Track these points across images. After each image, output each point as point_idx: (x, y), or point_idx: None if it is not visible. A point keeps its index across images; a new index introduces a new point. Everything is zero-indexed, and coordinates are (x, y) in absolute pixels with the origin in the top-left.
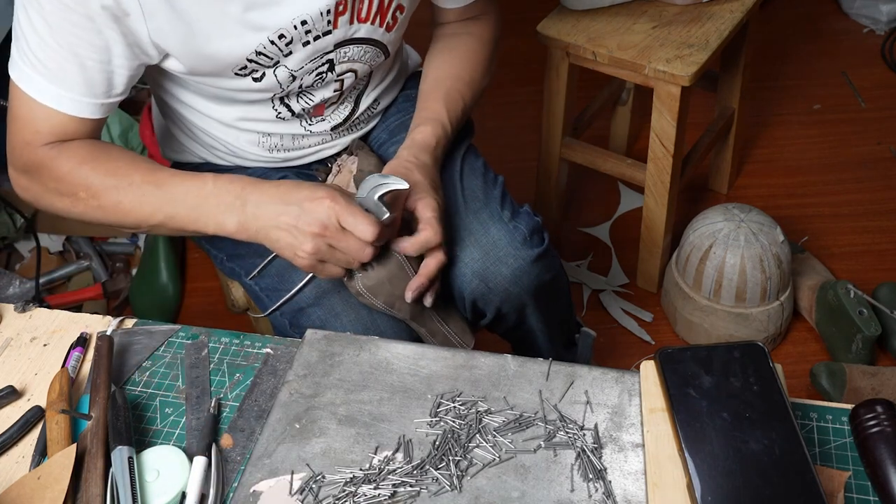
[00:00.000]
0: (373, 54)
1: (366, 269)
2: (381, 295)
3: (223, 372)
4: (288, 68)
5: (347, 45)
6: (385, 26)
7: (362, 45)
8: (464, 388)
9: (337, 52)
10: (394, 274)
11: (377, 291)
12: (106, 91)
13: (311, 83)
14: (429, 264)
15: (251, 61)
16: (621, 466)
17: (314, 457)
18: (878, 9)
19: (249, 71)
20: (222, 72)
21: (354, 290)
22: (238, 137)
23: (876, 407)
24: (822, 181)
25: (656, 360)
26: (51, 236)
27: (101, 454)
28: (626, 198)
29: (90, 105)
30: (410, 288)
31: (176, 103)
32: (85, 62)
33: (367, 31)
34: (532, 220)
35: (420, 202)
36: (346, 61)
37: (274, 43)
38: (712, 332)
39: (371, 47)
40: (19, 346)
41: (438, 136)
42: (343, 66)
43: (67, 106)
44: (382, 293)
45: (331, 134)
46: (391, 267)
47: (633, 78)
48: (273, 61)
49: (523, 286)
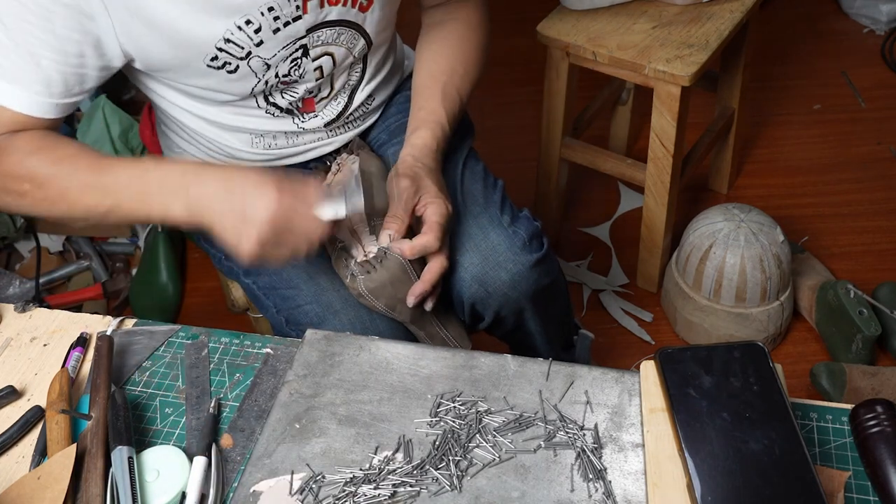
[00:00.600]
0: (348, 36)
1: (368, 271)
2: (382, 297)
3: (223, 372)
4: (261, 58)
5: (320, 28)
6: (358, 6)
7: (335, 28)
8: (464, 388)
9: (310, 37)
10: (396, 277)
11: (379, 294)
12: (63, 91)
13: (287, 70)
14: (431, 269)
15: (221, 50)
16: (621, 466)
17: (314, 457)
18: (878, 9)
19: (222, 63)
20: (194, 64)
21: (356, 291)
22: (230, 138)
23: (876, 407)
24: (822, 181)
25: (656, 360)
26: (51, 236)
27: (101, 454)
28: (626, 198)
29: (46, 104)
30: (413, 293)
31: (167, 105)
32: (41, 61)
33: (338, 13)
34: (531, 225)
35: (430, 206)
36: (320, 45)
37: (241, 29)
38: (712, 332)
39: (345, 29)
40: (19, 346)
41: (438, 138)
42: (317, 49)
43: (20, 104)
44: (384, 295)
45: (326, 131)
46: (394, 270)
47: (633, 78)
48: (244, 51)
49: (522, 291)
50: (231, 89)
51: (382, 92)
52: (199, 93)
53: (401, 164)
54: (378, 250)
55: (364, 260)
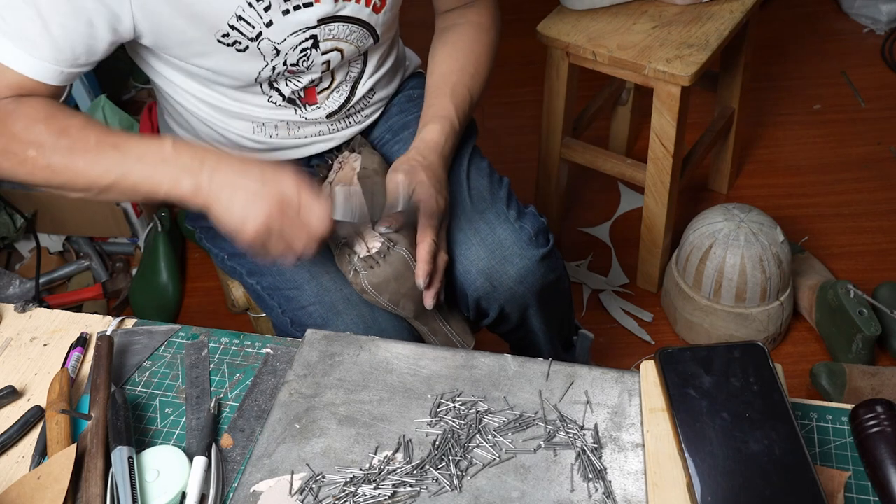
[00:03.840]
0: (359, 35)
1: (371, 266)
2: (385, 293)
3: (223, 372)
4: (271, 41)
5: (332, 22)
6: (372, 6)
7: (348, 24)
8: (464, 388)
9: (321, 29)
10: (400, 272)
11: (382, 289)
12: (71, 59)
13: (297, 60)
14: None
15: (233, 27)
16: (621, 466)
17: (314, 457)
18: (878, 9)
19: (233, 41)
20: (206, 40)
21: (359, 287)
22: (232, 124)
23: (876, 407)
24: (822, 181)
25: (656, 360)
26: (51, 236)
27: (101, 454)
28: (626, 198)
29: (51, 71)
30: (418, 275)
31: (171, 88)
32: (50, 25)
33: (352, 10)
34: (538, 221)
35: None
36: (331, 39)
37: (252, 6)
38: (712, 332)
39: (357, 27)
40: (19, 346)
41: (447, 132)
42: (328, 43)
43: (26, 66)
44: (387, 291)
45: (327, 123)
46: (397, 265)
47: (633, 78)
48: (255, 31)
49: (528, 286)
50: (237, 71)
51: (383, 87)
52: (205, 74)
53: (400, 158)
54: (381, 245)
55: (367, 255)
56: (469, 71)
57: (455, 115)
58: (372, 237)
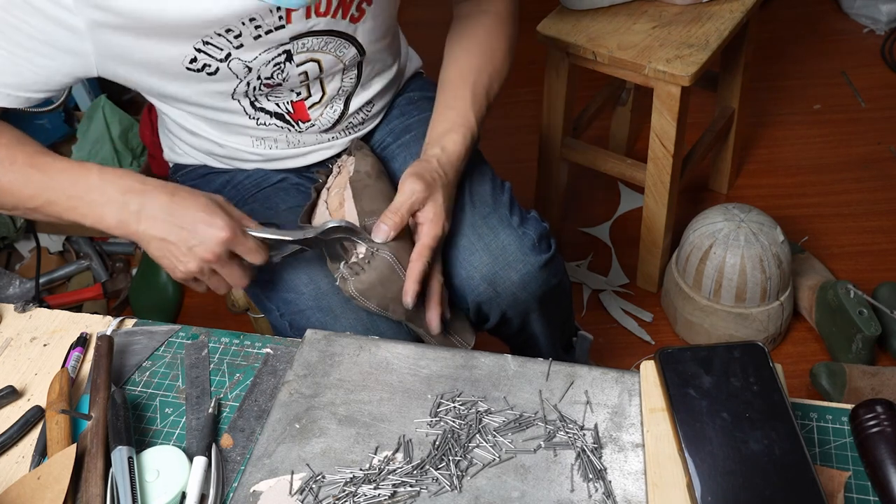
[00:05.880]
0: (336, 44)
1: (357, 273)
2: (373, 298)
3: (223, 372)
4: (241, 60)
5: (305, 36)
6: (349, 17)
7: (322, 36)
8: (464, 388)
9: (293, 44)
10: (385, 276)
11: (369, 295)
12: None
13: (270, 73)
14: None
15: (199, 51)
16: (621, 466)
17: (314, 457)
18: (878, 9)
19: (202, 65)
20: (174, 68)
21: (348, 293)
22: (231, 138)
23: (876, 407)
24: (822, 181)
25: (656, 360)
26: (51, 236)
27: (101, 454)
28: (626, 198)
29: None
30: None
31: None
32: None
33: (327, 24)
34: (540, 226)
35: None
36: (305, 52)
37: (221, 35)
38: (712, 332)
39: (334, 38)
40: (19, 346)
41: (468, 146)
42: (302, 55)
43: None
44: (375, 296)
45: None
46: (382, 269)
47: (633, 78)
48: (224, 53)
49: (531, 291)
50: (214, 95)
51: (383, 99)
52: (185, 97)
53: (424, 165)
54: (366, 251)
55: (353, 262)
56: (488, 69)
57: (475, 121)
58: (359, 243)
